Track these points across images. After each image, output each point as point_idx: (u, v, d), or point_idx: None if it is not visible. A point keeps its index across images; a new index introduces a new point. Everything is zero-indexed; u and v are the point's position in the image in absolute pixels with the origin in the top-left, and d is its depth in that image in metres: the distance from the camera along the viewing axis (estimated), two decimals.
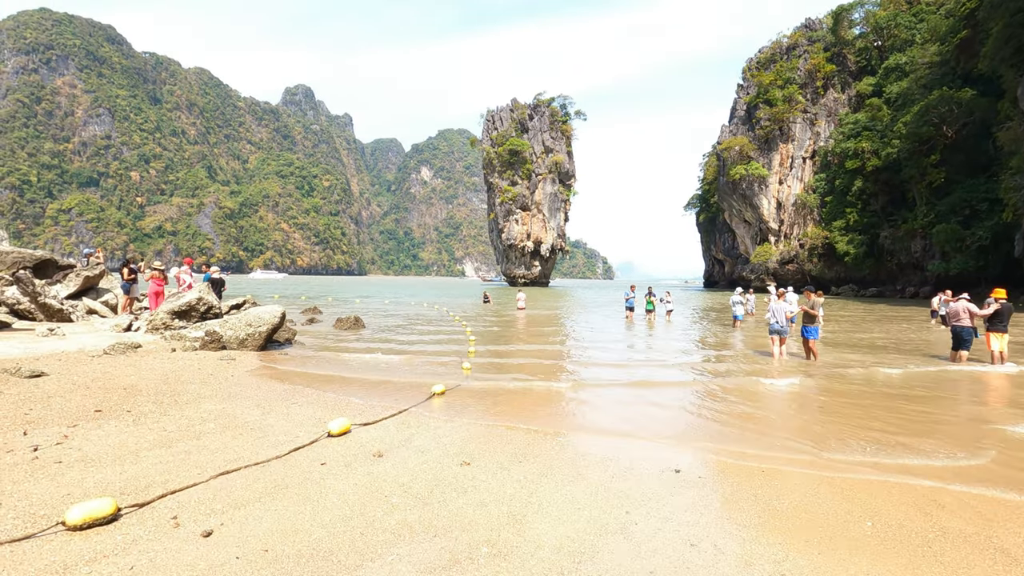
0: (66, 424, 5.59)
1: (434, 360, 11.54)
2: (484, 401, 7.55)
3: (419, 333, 17.07)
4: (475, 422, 6.33)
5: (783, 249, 73.93)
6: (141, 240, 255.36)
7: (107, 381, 7.76)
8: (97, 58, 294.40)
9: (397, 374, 9.78)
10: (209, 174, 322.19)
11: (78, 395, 6.86)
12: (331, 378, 9.17)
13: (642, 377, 9.63)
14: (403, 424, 6.16)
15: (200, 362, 9.77)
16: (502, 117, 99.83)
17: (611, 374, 10.07)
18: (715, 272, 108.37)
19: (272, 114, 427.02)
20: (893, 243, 61.39)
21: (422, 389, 8.29)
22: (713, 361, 12.02)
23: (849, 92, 72.89)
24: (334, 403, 7.15)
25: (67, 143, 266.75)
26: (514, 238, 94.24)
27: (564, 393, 8.13)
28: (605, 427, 6.31)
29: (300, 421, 6.14)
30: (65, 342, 10.21)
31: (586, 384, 8.97)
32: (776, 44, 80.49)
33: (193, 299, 12.23)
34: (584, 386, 8.75)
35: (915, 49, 64.29)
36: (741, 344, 15.31)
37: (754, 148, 74.66)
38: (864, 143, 63.34)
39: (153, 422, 5.84)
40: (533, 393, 8.17)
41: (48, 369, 8.29)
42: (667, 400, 7.80)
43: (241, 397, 7.26)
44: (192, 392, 7.41)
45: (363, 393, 8.00)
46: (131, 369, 8.74)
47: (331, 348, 12.91)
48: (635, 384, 9.01)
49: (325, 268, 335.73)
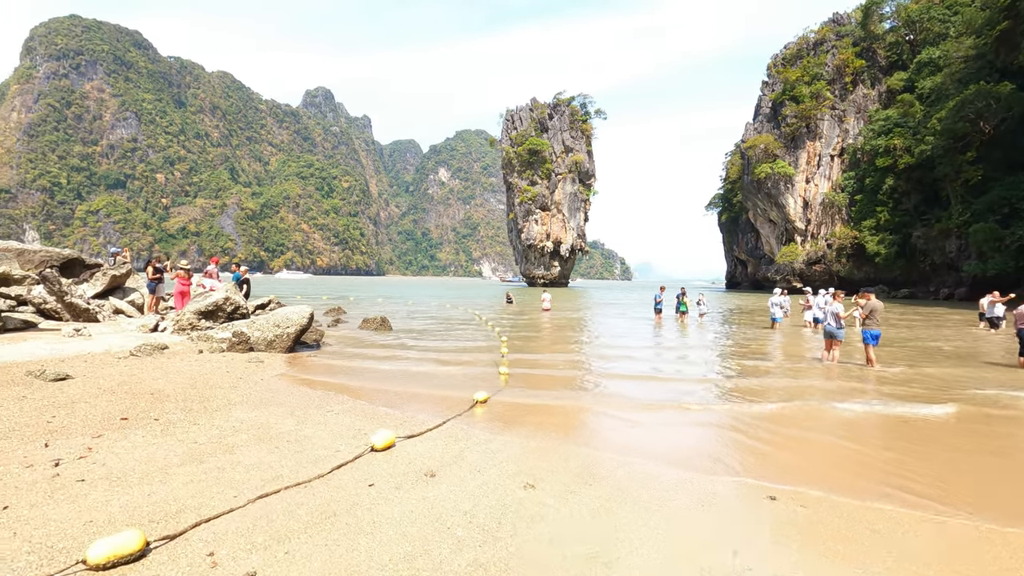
0: (90, 434, 5.18)
1: (468, 364, 11.03)
2: (530, 415, 6.98)
3: (447, 336, 16.59)
4: (527, 438, 5.77)
5: (810, 249, 72.15)
6: (166, 241, 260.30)
7: (134, 385, 7.38)
8: (124, 63, 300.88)
9: (432, 380, 9.28)
10: (231, 176, 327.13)
11: (103, 401, 6.47)
12: (364, 383, 8.71)
13: (697, 395, 8.62)
14: (450, 437, 5.63)
15: (228, 364, 9.39)
16: (521, 117, 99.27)
17: (663, 389, 9.28)
18: (737, 273, 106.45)
19: (293, 116, 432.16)
20: (926, 243, 59.46)
21: (462, 397, 7.77)
22: (771, 374, 11.19)
23: (879, 88, 70.87)
24: (372, 412, 6.66)
25: (95, 146, 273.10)
26: (533, 238, 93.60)
27: (615, 412, 7.26)
28: (667, 449, 5.68)
29: (339, 432, 5.65)
30: (91, 343, 9.91)
31: (637, 401, 8.00)
32: (802, 40, 78.64)
33: (220, 299, 11.89)
34: (636, 404, 7.95)
35: (949, 43, 62.21)
36: (783, 350, 14.54)
37: (780, 146, 72.99)
38: (896, 140, 61.49)
39: (182, 432, 5.40)
40: (581, 409, 7.52)
41: (73, 372, 7.95)
42: (729, 422, 7.02)
43: (273, 404, 6.81)
44: (221, 398, 6.99)
45: (400, 401, 7.51)
46: (158, 372, 8.37)
47: (360, 351, 12.48)
48: (692, 403, 7.90)
49: (344, 268, 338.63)
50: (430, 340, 15.40)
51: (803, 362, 12.14)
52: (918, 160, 58.25)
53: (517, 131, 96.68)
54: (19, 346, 9.27)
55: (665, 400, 7.95)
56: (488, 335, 16.58)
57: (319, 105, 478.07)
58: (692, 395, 8.30)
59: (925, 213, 60.51)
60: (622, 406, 7.40)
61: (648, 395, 8.34)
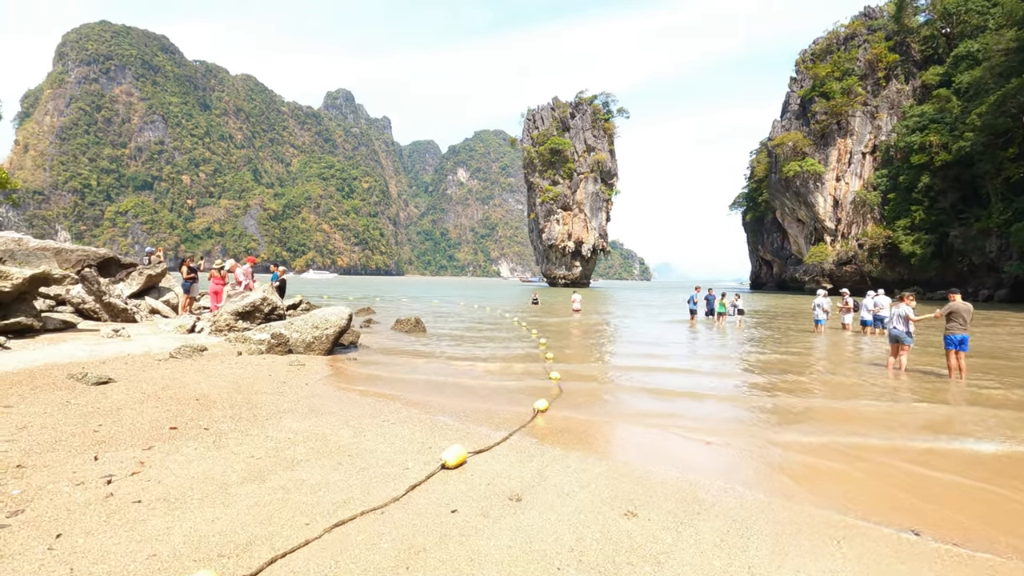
0: (140, 446, 4.82)
1: (514, 370, 10.57)
2: (596, 428, 6.47)
3: (484, 337, 16.16)
4: (604, 456, 5.27)
5: (840, 249, 70.22)
6: (191, 241, 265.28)
7: (178, 390, 7.05)
8: (152, 67, 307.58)
9: (483, 387, 8.82)
10: (255, 177, 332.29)
11: (149, 407, 6.14)
12: (412, 390, 8.29)
13: (767, 416, 7.63)
14: (522, 453, 5.16)
15: (269, 368, 9.05)
16: (543, 116, 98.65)
17: (731, 408, 8.57)
18: (762, 273, 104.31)
19: (314, 118, 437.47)
20: (964, 243, 57.40)
21: (520, 405, 7.31)
22: (855, 394, 10.48)
23: (913, 83, 68.70)
24: (429, 423, 6.21)
25: (124, 149, 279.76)
26: (555, 238, 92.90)
27: (688, 432, 6.34)
28: (761, 476, 5.08)
29: (401, 446, 5.21)
30: (130, 344, 9.67)
31: (708, 419, 7.15)
32: (832, 35, 76.67)
33: (257, 299, 11.60)
34: (708, 423, 7.27)
35: (988, 35, 59.95)
36: (839, 357, 13.80)
37: (809, 143, 71.20)
38: (932, 136, 59.52)
39: (235, 444, 5.02)
40: (649, 424, 6.90)
41: (115, 375, 7.66)
42: (819, 449, 6.26)
43: (324, 412, 6.41)
44: (269, 404, 6.61)
45: (454, 409, 7.06)
46: (200, 376, 8.05)
47: (399, 353, 12.10)
48: (766, 427, 6.99)
49: (364, 268, 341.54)
50: (468, 344, 14.97)
51: (870, 373, 11.41)
52: (956, 157, 56.25)
53: (539, 130, 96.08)
54: (59, 347, 9.06)
55: (736, 420, 7.34)
56: (524, 338, 16.10)
57: (340, 107, 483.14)
58: (763, 416, 7.68)
59: (963, 212, 58.43)
60: (694, 426, 6.76)
61: (717, 414, 7.73)
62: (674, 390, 8.87)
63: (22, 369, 7.52)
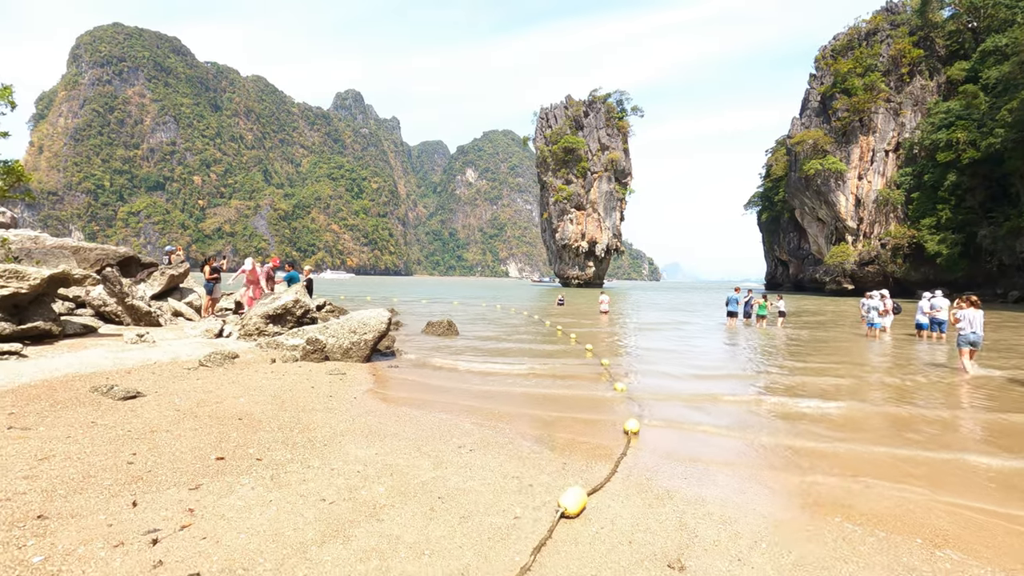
0: (184, 483, 3.95)
1: (570, 378, 9.66)
2: (706, 453, 5.53)
3: (523, 342, 15.24)
4: (746, 495, 4.32)
5: (862, 249, 68.62)
6: (202, 241, 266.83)
7: (214, 406, 6.20)
8: (164, 68, 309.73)
9: (548, 400, 7.90)
10: (265, 177, 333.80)
11: (187, 428, 5.29)
12: (471, 402, 7.39)
13: (890, 433, 6.66)
14: (644, 492, 4.24)
15: (309, 377, 8.20)
16: (556, 114, 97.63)
17: (831, 429, 7.75)
18: (778, 274, 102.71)
19: (323, 119, 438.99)
20: (994, 242, 55.77)
21: (603, 424, 6.40)
22: (970, 404, 9.44)
23: (938, 79, 66.98)
24: (514, 449, 5.29)
25: (136, 149, 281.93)
26: (568, 238, 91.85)
27: (833, 473, 5.00)
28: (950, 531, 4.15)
29: (494, 482, 4.32)
30: (156, 351, 8.85)
31: (829, 444, 6.08)
32: (853, 30, 75.02)
33: (289, 302, 10.76)
34: (840, 456, 6.40)
35: (1017, 29, 58.22)
36: (919, 365, 12.77)
37: (830, 141, 69.64)
38: (959, 133, 57.87)
39: (298, 480, 4.14)
40: (766, 450, 5.95)
41: (143, 387, 6.84)
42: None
43: (387, 434, 5.52)
44: (322, 425, 5.74)
45: (530, 428, 6.14)
46: (236, 388, 7.21)
47: (440, 360, 11.22)
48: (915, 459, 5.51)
49: (373, 268, 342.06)
50: (506, 344, 14.08)
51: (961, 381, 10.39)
52: (984, 154, 54.70)
53: (551, 129, 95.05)
54: (80, 355, 8.25)
55: (847, 439, 6.38)
56: (564, 342, 15.18)
57: (349, 107, 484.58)
58: (881, 436, 6.70)
59: (992, 211, 56.82)
60: (822, 454, 5.81)
61: (827, 435, 6.79)
62: (793, 412, 7.84)
63: (41, 381, 6.71)
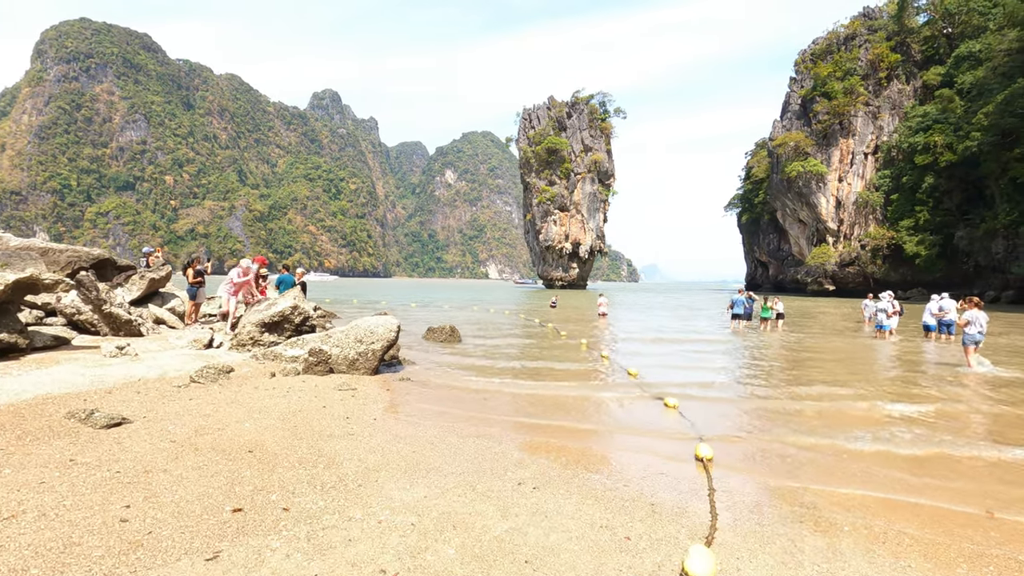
0: (198, 552, 3.08)
1: (603, 389, 8.92)
2: (817, 500, 4.84)
3: (528, 346, 14.48)
4: (892, 557, 3.63)
5: (842, 250, 69.59)
6: (175, 242, 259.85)
7: (216, 435, 5.28)
8: (134, 65, 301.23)
9: (588, 413, 7.16)
10: (239, 178, 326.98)
11: (188, 466, 4.39)
12: (506, 420, 6.57)
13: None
14: (764, 543, 3.50)
15: (317, 395, 7.30)
16: (539, 115, 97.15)
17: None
18: (758, 275, 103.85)
19: (300, 119, 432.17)
20: (970, 244, 56.94)
21: (663, 449, 5.66)
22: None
23: (915, 83, 68.33)
24: (580, 484, 4.51)
25: (105, 148, 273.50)
26: (552, 239, 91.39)
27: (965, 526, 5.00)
28: None
29: (580, 533, 3.53)
30: (140, 365, 7.84)
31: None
32: (832, 35, 76.15)
33: (287, 308, 9.80)
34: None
35: (990, 36, 59.68)
36: (943, 365, 12.36)
37: (811, 144, 70.49)
38: (936, 137, 59.01)
39: (341, 542, 3.30)
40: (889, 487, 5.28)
41: (129, 411, 5.88)
42: None
43: (429, 468, 4.69)
44: (348, 456, 4.88)
45: (586, 455, 5.36)
46: (237, 409, 6.28)
47: (453, 369, 10.38)
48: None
49: (352, 270, 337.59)
50: (513, 351, 13.26)
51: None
52: (961, 157, 55.83)
53: (535, 130, 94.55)
54: (52, 371, 7.21)
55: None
56: (574, 347, 14.45)
57: (326, 107, 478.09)
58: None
59: (968, 213, 58.03)
60: (928, 488, 5.16)
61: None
62: (880, 417, 7.23)
63: (6, 406, 5.70)
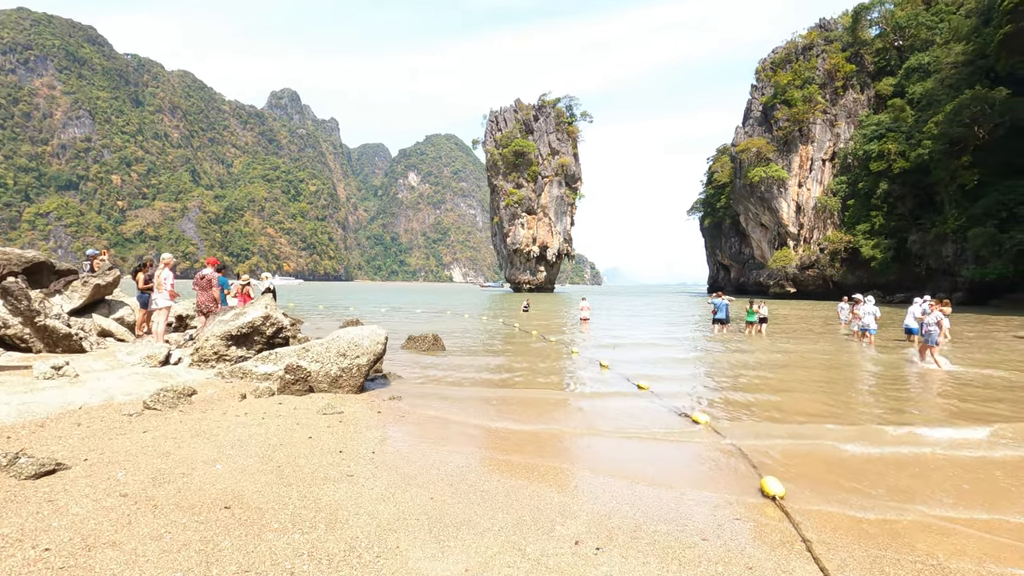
0: None
1: (620, 404, 8.14)
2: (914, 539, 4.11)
3: (515, 355, 13.59)
4: None
5: (803, 254, 71.52)
6: (122, 245, 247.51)
7: (182, 483, 4.20)
8: (77, 59, 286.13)
9: (615, 441, 6.35)
10: (193, 178, 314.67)
11: (145, 535, 3.32)
12: (522, 447, 5.66)
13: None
14: None
15: (298, 421, 6.22)
16: (506, 118, 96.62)
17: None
18: (720, 278, 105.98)
19: (257, 118, 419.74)
20: (922, 247, 59.20)
21: (721, 480, 4.88)
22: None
23: (868, 93, 70.90)
24: (644, 536, 3.67)
25: (45, 145, 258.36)
26: (519, 242, 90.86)
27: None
28: None
29: None
30: (81, 389, 6.58)
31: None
32: (791, 44, 78.41)
33: (257, 318, 8.63)
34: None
35: (937, 49, 62.47)
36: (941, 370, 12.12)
37: (773, 150, 72.28)
38: (890, 144, 61.26)
39: None
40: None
41: (66, 452, 4.72)
42: None
43: (458, 523, 3.75)
44: (353, 509, 3.89)
45: (637, 496, 4.52)
46: (205, 445, 5.17)
47: (444, 386, 9.40)
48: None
49: (312, 274, 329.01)
50: (501, 360, 12.37)
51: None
52: (913, 165, 58.07)
53: (502, 132, 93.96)
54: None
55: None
56: (565, 356, 13.66)
57: (285, 107, 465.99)
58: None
59: (920, 218, 60.38)
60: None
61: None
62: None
63: None
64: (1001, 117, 49.40)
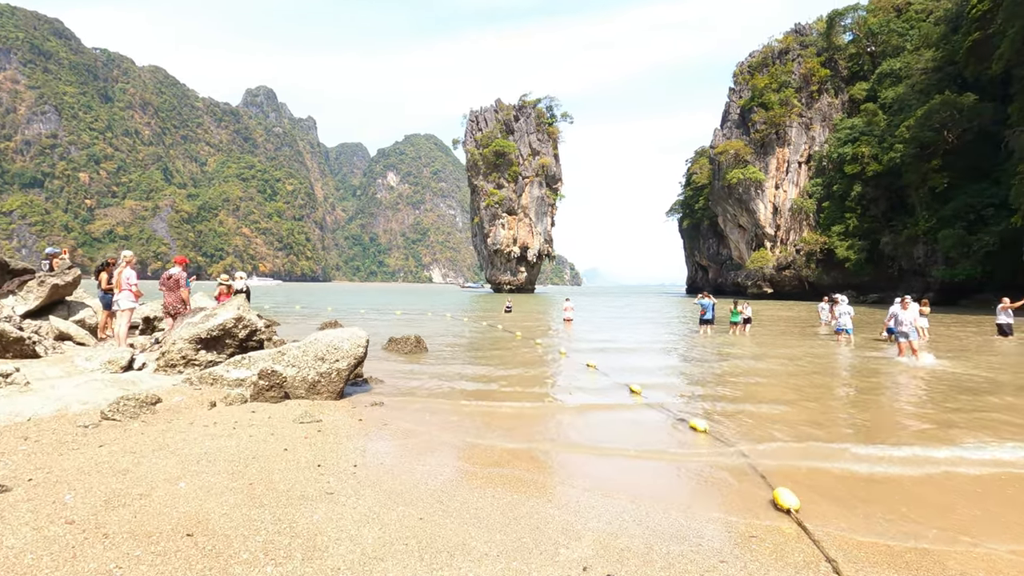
0: None
1: (618, 410, 7.83)
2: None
3: (501, 358, 13.22)
4: None
5: (779, 255, 72.57)
6: (90, 245, 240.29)
7: (140, 507, 3.74)
8: (43, 53, 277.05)
9: (610, 447, 6.02)
10: (165, 176, 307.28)
11: (90, 572, 2.88)
12: (526, 464, 5.29)
13: None
14: None
15: (273, 431, 5.76)
16: (486, 118, 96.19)
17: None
18: (698, 278, 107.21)
19: (232, 115, 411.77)
20: (894, 249, 60.49)
21: (733, 493, 4.59)
22: None
23: (842, 97, 72.29)
24: (657, 559, 3.35)
25: (8, 141, 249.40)
26: (500, 243, 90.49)
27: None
28: None
29: None
30: (32, 398, 6.01)
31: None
32: (768, 48, 79.59)
33: (229, 320, 8.10)
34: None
35: (908, 55, 64.02)
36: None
37: (750, 152, 73.24)
38: (863, 148, 62.53)
39: None
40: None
41: (8, 470, 4.21)
42: None
43: (452, 549, 3.37)
44: (334, 535, 3.48)
45: (647, 514, 4.19)
46: (169, 460, 4.70)
47: (428, 391, 8.98)
48: None
49: (289, 274, 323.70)
50: (489, 365, 11.99)
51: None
52: (886, 168, 59.29)
53: (482, 132, 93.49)
54: None
55: None
56: (555, 359, 13.34)
57: (261, 105, 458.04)
58: None
59: (892, 220, 61.69)
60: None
61: None
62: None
63: None
64: (969, 122, 50.69)
